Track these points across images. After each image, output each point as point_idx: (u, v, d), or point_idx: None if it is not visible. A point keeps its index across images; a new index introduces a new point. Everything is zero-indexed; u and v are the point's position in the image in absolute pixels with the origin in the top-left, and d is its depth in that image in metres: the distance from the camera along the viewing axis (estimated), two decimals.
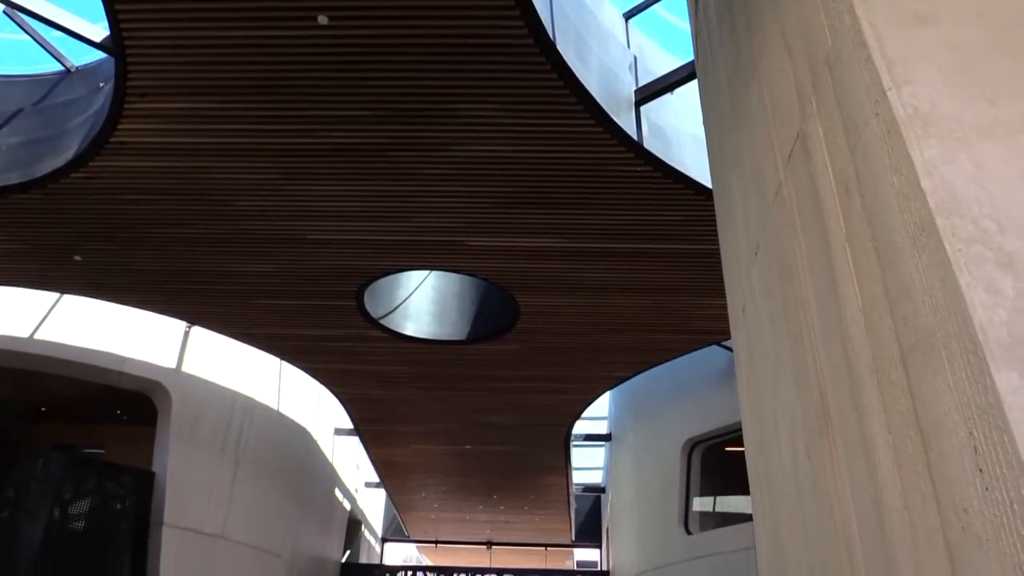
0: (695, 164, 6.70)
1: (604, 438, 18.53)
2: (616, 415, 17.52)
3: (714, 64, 2.97)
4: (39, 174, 7.08)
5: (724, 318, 2.87)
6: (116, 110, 6.16)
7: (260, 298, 9.31)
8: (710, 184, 3.58)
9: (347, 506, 19.44)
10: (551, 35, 5.39)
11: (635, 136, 6.35)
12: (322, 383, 12.22)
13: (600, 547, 22.75)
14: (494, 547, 25.61)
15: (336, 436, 17.40)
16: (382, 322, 9.79)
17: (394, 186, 6.99)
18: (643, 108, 6.60)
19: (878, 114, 1.24)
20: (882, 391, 1.23)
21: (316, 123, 6.24)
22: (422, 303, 10.35)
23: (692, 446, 13.10)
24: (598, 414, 18.45)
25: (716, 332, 9.84)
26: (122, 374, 11.41)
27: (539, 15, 5.19)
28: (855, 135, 1.35)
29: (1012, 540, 0.85)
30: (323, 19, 5.21)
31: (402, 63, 5.61)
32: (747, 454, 2.50)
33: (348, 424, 14.63)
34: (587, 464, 22.27)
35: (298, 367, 11.66)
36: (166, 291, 9.27)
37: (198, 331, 11.82)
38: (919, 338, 1.09)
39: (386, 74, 5.73)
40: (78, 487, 10.56)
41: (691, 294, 8.71)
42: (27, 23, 7.60)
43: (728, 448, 12.51)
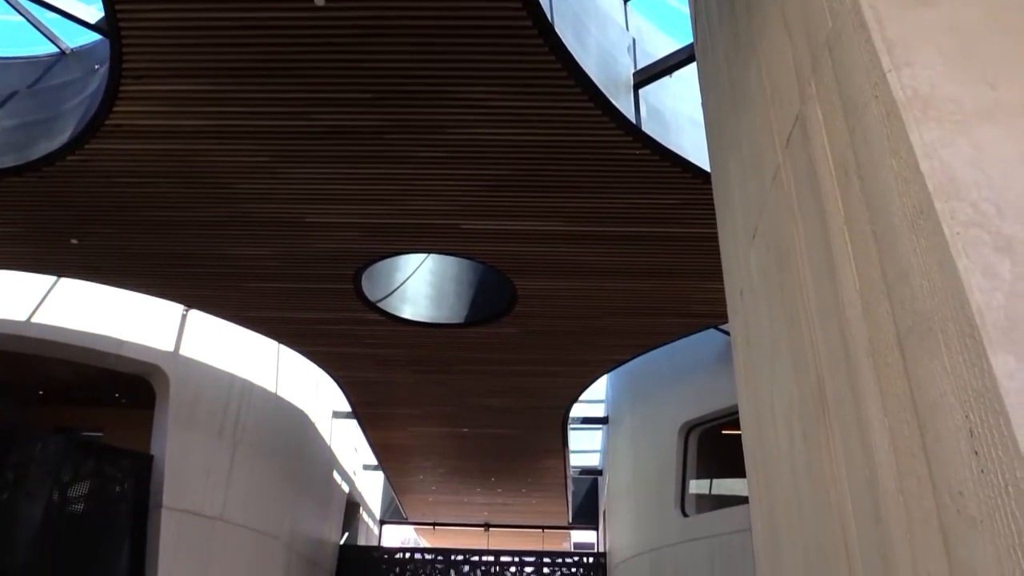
0: (693, 147, 6.67)
1: (601, 421, 18.59)
2: (614, 398, 17.58)
3: (713, 46, 2.95)
4: (34, 157, 7.04)
5: (722, 302, 2.87)
6: (111, 92, 6.12)
7: (257, 281, 9.30)
8: (708, 167, 3.56)
9: (345, 489, 19.53)
10: (549, 16, 5.35)
11: (633, 119, 6.32)
12: (320, 366, 12.23)
13: (597, 529, 22.90)
14: (491, 529, 25.78)
15: (334, 419, 17.45)
16: (380, 305, 9.78)
17: (391, 169, 6.97)
18: (641, 91, 6.57)
19: (877, 96, 1.23)
20: (879, 374, 1.23)
21: (313, 105, 6.20)
22: (420, 286, 10.35)
23: (689, 429, 13.17)
24: (595, 397, 18.50)
25: (713, 316, 9.85)
26: (120, 357, 11.43)
27: None
28: (854, 118, 1.34)
29: (1007, 522, 0.86)
30: (319, 0, 5.18)
31: (399, 45, 5.57)
32: (743, 437, 2.51)
33: (346, 407, 14.67)
34: (584, 447, 22.35)
35: (296, 350, 11.68)
36: (163, 274, 9.25)
37: (195, 314, 11.82)
38: (916, 321, 1.09)
39: (383, 56, 5.69)
40: (77, 470, 10.59)
41: (689, 278, 8.71)
42: (22, 4, 7.53)
43: (725, 431, 12.58)
